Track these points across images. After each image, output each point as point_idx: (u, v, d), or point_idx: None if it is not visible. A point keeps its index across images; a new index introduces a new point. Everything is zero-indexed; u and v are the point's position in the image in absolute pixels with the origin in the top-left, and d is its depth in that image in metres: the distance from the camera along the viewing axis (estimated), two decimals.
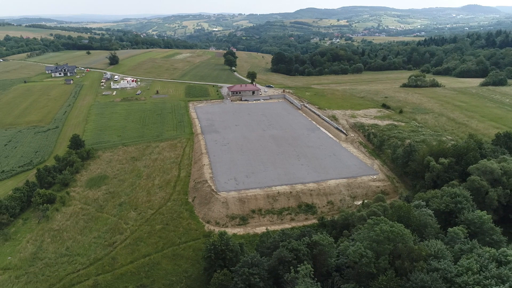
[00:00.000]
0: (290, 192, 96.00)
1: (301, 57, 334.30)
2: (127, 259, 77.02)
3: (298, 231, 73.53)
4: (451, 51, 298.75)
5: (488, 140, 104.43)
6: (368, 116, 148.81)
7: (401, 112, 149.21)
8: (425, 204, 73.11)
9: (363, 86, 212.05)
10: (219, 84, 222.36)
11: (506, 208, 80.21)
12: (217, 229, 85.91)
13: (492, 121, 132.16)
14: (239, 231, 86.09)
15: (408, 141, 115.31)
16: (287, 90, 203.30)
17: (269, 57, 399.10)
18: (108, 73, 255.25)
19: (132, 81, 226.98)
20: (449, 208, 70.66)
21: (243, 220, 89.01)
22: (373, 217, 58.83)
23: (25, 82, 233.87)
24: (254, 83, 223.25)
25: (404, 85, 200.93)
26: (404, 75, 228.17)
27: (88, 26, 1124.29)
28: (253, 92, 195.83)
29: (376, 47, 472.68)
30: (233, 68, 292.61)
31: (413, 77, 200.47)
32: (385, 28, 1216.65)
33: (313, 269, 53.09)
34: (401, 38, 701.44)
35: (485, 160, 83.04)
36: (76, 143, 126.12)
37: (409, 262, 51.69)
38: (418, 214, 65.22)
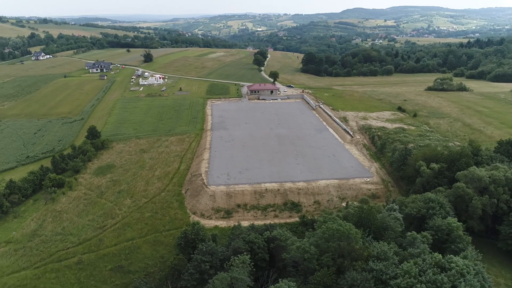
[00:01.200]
0: (278, 190, 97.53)
1: (332, 58, 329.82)
2: (112, 242, 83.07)
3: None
4: (491, 54, 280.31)
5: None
6: (380, 119, 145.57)
7: (415, 115, 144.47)
8: (398, 208, 71.99)
9: (386, 88, 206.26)
10: (241, 83, 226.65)
11: (495, 218, 76.63)
12: (201, 220, 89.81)
13: (511, 128, 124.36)
14: (222, 223, 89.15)
15: (411, 145, 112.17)
16: (306, 91, 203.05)
17: None
18: (140, 70, 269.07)
19: (160, 78, 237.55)
20: (420, 213, 69.20)
21: (228, 214, 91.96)
22: (325, 215, 59.46)
23: (65, 76, 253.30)
24: (275, 82, 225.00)
25: (429, 89, 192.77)
26: (433, 78, 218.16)
27: (138, 26, 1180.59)
28: (272, 92, 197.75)
29: (417, 48, 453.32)
30: (261, 67, 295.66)
31: (438, 80, 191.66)
32: (436, 29, 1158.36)
33: (250, 260, 54.91)
34: (450, 40, 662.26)
35: (474, 167, 79.48)
36: (92, 134, 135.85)
37: (349, 261, 52.12)
38: (380, 217, 64.66)
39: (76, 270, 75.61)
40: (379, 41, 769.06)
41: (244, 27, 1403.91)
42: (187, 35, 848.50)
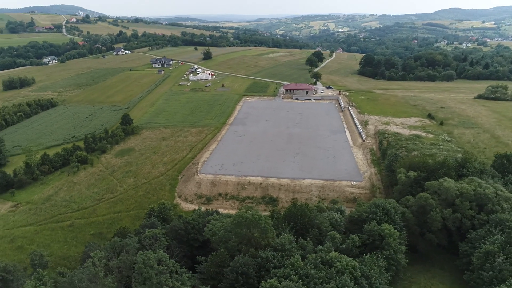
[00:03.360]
0: (260, 184, 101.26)
1: (392, 61, 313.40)
2: (103, 212, 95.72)
3: None
4: None
5: None
6: (402, 125, 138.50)
7: (441, 124, 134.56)
8: (345, 209, 71.77)
9: (431, 94, 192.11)
10: (282, 82, 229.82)
11: (462, 235, 71.35)
12: (183, 204, 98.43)
13: None
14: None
15: (415, 152, 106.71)
16: (343, 93, 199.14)
17: None
18: (195, 66, 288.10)
19: (210, 74, 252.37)
20: (362, 218, 68.19)
21: (208, 201, 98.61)
22: (248, 205, 62.88)
23: (130, 70, 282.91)
24: (316, 83, 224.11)
25: (479, 97, 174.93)
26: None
27: (222, 25, 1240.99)
28: (307, 92, 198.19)
29: (503, 53, 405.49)
30: (314, 68, 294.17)
31: (490, 88, 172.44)
32: None
33: (165, 235, 60.97)
34: None
35: (445, 178, 74.56)
36: (125, 120, 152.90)
37: (247, 247, 55.37)
38: (315, 216, 65.76)
39: (66, 231, 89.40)
40: (467, 45, 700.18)
41: (325, 28, 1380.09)
42: (266, 35, 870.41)
